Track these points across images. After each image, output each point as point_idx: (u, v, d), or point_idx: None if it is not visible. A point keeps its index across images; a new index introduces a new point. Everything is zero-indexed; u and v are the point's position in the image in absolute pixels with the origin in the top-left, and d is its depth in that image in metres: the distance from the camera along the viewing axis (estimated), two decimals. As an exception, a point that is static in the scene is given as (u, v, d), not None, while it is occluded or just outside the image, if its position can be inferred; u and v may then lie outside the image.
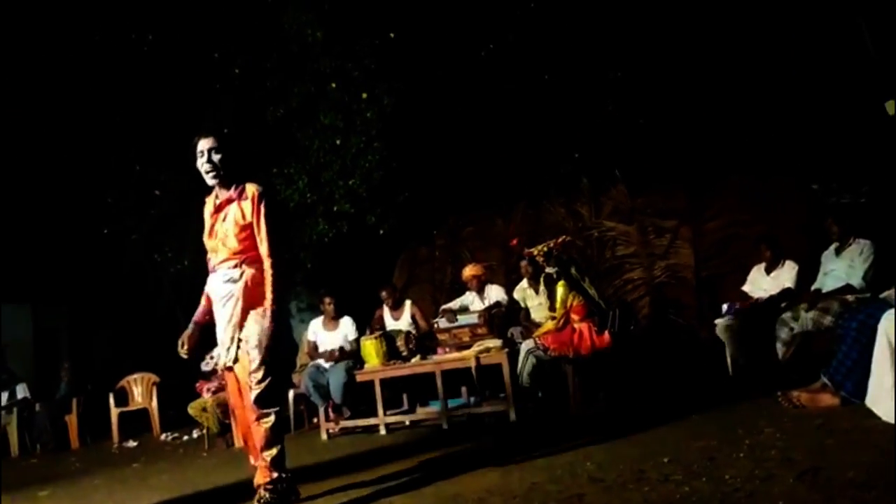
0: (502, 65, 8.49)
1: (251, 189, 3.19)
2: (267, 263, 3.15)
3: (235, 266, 3.19)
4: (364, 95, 8.14)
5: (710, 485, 2.60)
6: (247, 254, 3.18)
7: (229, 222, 3.20)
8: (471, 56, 8.58)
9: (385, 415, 5.56)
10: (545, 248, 5.14)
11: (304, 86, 8.24)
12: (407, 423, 5.71)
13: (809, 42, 7.14)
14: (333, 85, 8.20)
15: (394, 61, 8.25)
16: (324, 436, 5.73)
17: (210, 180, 3.24)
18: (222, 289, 3.20)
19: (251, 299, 3.15)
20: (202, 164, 3.21)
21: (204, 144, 3.19)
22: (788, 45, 7.29)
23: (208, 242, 3.31)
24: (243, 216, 3.17)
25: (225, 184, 3.24)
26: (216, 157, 3.18)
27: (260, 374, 3.09)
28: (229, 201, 3.23)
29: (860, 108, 6.66)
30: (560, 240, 5.28)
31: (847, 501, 2.17)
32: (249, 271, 3.17)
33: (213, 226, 3.28)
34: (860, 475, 2.41)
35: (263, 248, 3.15)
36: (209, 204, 3.34)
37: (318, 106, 8.29)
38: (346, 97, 8.20)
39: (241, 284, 3.16)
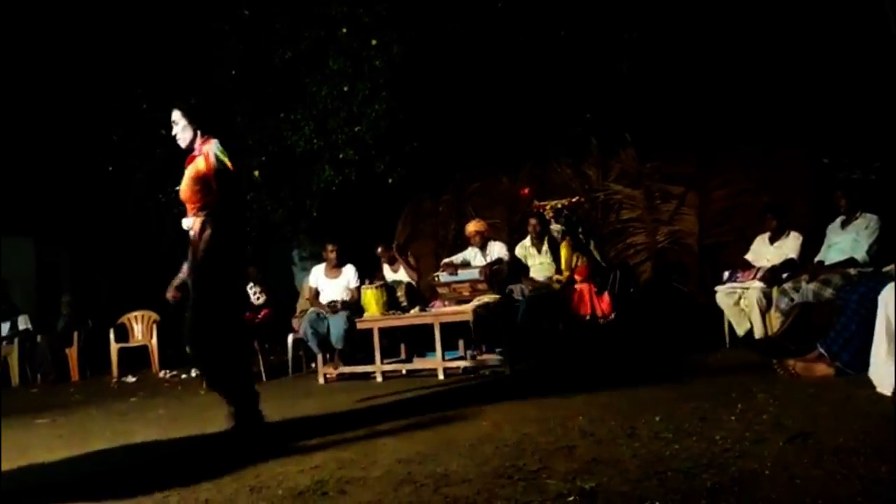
0: (518, 18, 8.31)
1: (207, 147, 3.42)
2: (209, 214, 3.34)
3: (192, 216, 3.42)
4: (374, 42, 7.99)
5: (701, 444, 2.63)
6: (198, 205, 3.39)
7: (187, 176, 3.45)
8: (486, 7, 8.39)
9: (382, 363, 5.62)
10: (557, 205, 5.13)
11: (313, 30, 8.09)
12: (403, 372, 5.78)
13: (829, 16, 6.99)
14: (344, 30, 8.05)
15: (405, 9, 8.08)
16: (321, 380, 5.80)
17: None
18: (189, 237, 3.46)
19: (196, 248, 3.37)
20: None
21: (173, 115, 3.52)
22: (808, 18, 7.13)
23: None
24: (196, 171, 3.40)
25: (192, 146, 3.50)
26: (177, 128, 3.48)
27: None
28: (193, 158, 3.48)
29: (876, 85, 6.55)
30: (574, 199, 5.28)
31: (835, 465, 2.20)
32: (199, 222, 3.38)
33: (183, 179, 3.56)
34: (849, 441, 2.43)
35: (210, 199, 3.35)
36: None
37: (326, 51, 8.15)
38: (356, 43, 8.05)
39: (193, 234, 3.39)
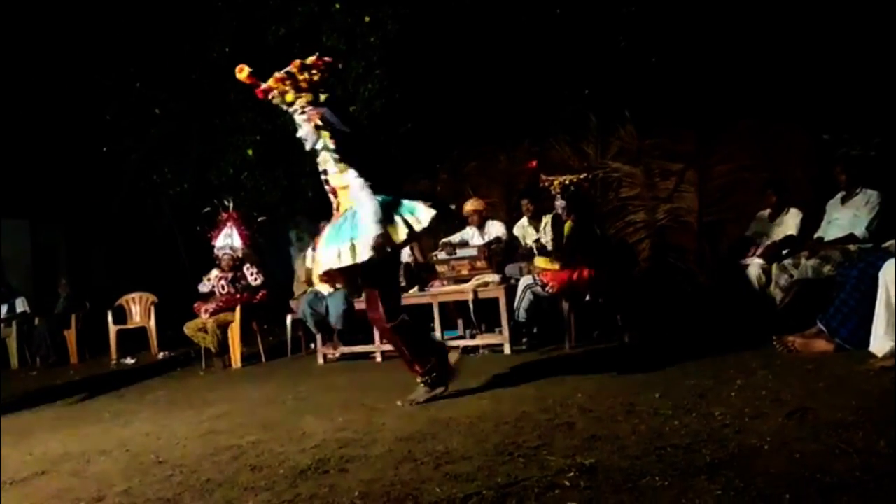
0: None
1: None
2: None
3: None
4: (367, 19, 7.88)
5: (700, 420, 2.63)
6: None
7: None
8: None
9: (381, 343, 5.61)
10: (566, 181, 5.07)
11: (306, 6, 7.97)
12: (402, 351, 5.76)
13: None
14: (337, 6, 7.93)
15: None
16: (320, 360, 5.80)
17: None
18: None
19: None
20: None
21: None
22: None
23: None
24: None
25: None
26: None
27: None
28: None
29: (876, 60, 6.48)
30: (582, 176, 5.24)
31: (834, 440, 2.20)
32: None
33: None
34: (848, 416, 2.43)
35: None
36: None
37: (320, 28, 8.04)
38: (350, 19, 7.94)
39: None
